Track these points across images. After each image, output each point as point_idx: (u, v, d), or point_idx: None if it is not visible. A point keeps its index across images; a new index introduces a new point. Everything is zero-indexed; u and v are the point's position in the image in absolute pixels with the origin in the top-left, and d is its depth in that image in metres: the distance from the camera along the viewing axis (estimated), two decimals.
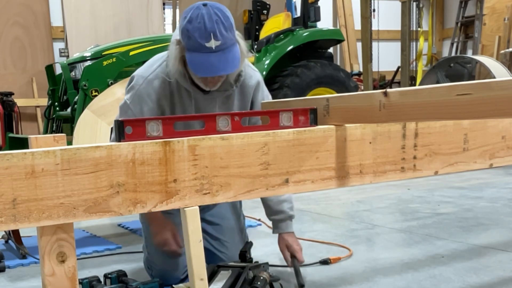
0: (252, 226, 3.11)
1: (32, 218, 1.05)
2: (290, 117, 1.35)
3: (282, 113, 1.34)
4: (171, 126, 1.22)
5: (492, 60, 6.13)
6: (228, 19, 1.82)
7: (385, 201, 3.78)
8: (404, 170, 1.45)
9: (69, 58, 4.55)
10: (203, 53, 1.80)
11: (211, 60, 1.81)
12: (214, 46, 1.78)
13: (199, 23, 1.78)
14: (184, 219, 1.27)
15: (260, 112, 1.50)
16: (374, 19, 7.44)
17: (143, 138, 1.18)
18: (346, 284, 2.12)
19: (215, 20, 1.78)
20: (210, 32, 1.77)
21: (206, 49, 1.79)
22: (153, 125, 1.21)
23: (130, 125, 1.18)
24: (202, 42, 1.78)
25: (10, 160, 1.03)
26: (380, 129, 1.41)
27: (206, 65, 1.82)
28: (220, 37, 1.78)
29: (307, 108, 1.37)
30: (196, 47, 1.81)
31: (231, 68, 1.86)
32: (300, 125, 1.35)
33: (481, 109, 1.03)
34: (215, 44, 1.78)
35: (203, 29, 1.78)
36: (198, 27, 1.78)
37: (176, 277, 2.16)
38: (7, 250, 2.77)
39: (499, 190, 4.05)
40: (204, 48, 1.79)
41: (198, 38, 1.79)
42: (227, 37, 1.80)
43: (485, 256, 2.40)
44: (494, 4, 9.37)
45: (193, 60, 1.84)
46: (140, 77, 2.03)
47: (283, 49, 5.49)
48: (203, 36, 1.78)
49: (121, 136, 1.17)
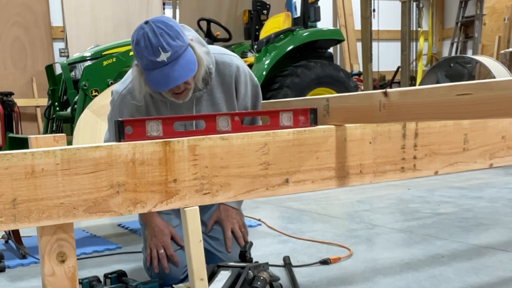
0: (252, 226, 3.11)
1: (32, 218, 1.05)
2: (290, 117, 1.35)
3: (282, 113, 1.34)
4: (171, 126, 1.23)
5: (492, 60, 6.13)
6: (172, 28, 1.84)
7: (385, 201, 3.78)
8: (404, 170, 1.45)
9: (69, 58, 4.55)
10: (158, 68, 1.84)
11: (166, 72, 1.84)
12: (165, 59, 1.82)
13: (145, 42, 1.82)
14: (184, 219, 1.27)
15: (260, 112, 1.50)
16: (374, 19, 7.44)
17: (143, 138, 1.18)
18: (346, 284, 2.12)
19: (159, 33, 1.81)
20: (157, 47, 1.81)
21: (159, 63, 1.83)
22: (153, 125, 1.21)
23: (130, 125, 1.18)
24: (153, 59, 1.83)
25: (10, 160, 1.03)
26: (380, 129, 1.41)
27: (163, 78, 1.86)
28: (168, 48, 1.82)
29: (307, 108, 1.37)
30: (149, 65, 1.85)
31: (188, 73, 1.88)
32: (300, 125, 1.35)
33: (481, 109, 1.04)
34: (166, 56, 1.82)
35: (149, 46, 1.82)
36: (145, 46, 1.83)
37: (176, 277, 2.16)
38: (7, 250, 2.77)
39: (499, 190, 4.05)
40: (157, 64, 1.83)
41: (149, 56, 1.83)
42: (176, 45, 1.83)
43: (485, 256, 2.40)
44: (494, 4, 9.37)
45: (150, 78, 1.88)
46: (115, 92, 2.12)
47: (283, 49, 5.49)
48: (152, 53, 1.82)
49: (121, 136, 1.17)
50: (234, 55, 2.18)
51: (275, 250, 2.62)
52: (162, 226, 2.18)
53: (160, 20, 1.85)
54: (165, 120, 1.23)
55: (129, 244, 2.85)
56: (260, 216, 3.33)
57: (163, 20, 1.86)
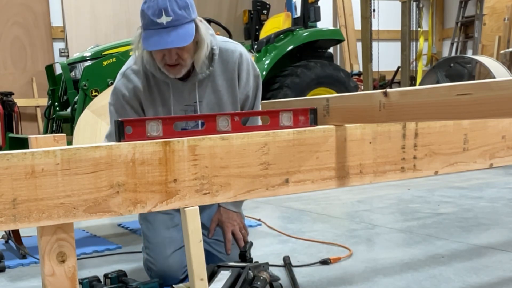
0: (252, 226, 3.11)
1: (32, 218, 1.05)
2: (290, 117, 1.35)
3: (282, 113, 1.34)
4: (171, 126, 1.23)
5: (492, 60, 6.13)
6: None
7: (385, 201, 3.78)
8: (404, 170, 1.45)
9: (69, 58, 4.55)
10: (155, 29, 1.86)
11: (160, 35, 1.86)
12: (165, 22, 1.85)
13: (153, 2, 1.86)
14: (184, 219, 1.27)
15: (260, 112, 1.50)
16: (374, 19, 7.44)
17: (143, 138, 1.19)
18: (346, 284, 2.12)
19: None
20: (161, 9, 1.84)
21: (157, 25, 1.85)
22: (153, 125, 1.21)
23: (130, 125, 1.18)
24: (154, 19, 1.85)
25: (10, 160, 1.03)
26: (380, 129, 1.41)
27: (156, 39, 1.87)
28: (171, 13, 1.84)
29: (307, 108, 1.37)
30: (148, 24, 1.88)
31: (180, 42, 1.88)
32: (300, 125, 1.35)
33: (481, 109, 1.03)
34: (166, 20, 1.84)
35: (155, 6, 1.85)
36: (151, 6, 1.86)
37: (175, 277, 2.16)
38: (7, 250, 2.77)
39: (499, 190, 4.05)
40: (156, 24, 1.86)
41: (151, 15, 1.86)
42: (180, 14, 1.85)
43: (485, 256, 2.40)
44: (494, 4, 9.37)
45: (145, 36, 1.90)
46: (119, 74, 2.13)
47: (283, 49, 5.50)
48: (155, 13, 1.85)
49: (121, 136, 1.17)
50: (237, 43, 2.19)
51: (275, 250, 2.62)
52: None
53: None
54: (165, 120, 1.23)
55: (129, 244, 2.85)
56: (260, 216, 3.33)
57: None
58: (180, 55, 1.94)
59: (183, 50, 1.94)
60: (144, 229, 2.24)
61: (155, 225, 2.21)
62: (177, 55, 1.94)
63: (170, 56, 1.93)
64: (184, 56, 1.95)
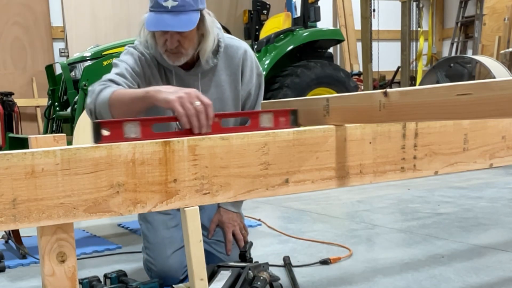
0: (252, 226, 3.11)
1: (32, 218, 1.05)
2: (270, 118, 1.34)
3: (262, 114, 1.33)
4: (149, 127, 1.21)
5: (492, 60, 6.13)
6: None
7: (385, 201, 3.78)
8: (404, 170, 1.45)
9: (69, 58, 4.56)
10: (159, 12, 1.87)
11: (164, 17, 1.86)
12: (170, 6, 1.85)
13: None
14: (184, 219, 1.27)
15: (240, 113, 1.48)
16: (374, 19, 7.44)
17: (121, 140, 1.17)
18: (346, 284, 2.12)
19: None
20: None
21: (162, 7, 1.86)
22: (131, 127, 1.19)
23: (107, 127, 1.16)
24: (160, 1, 1.86)
25: (10, 160, 1.03)
26: (380, 129, 1.41)
27: (157, 20, 1.87)
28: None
29: (287, 109, 1.37)
30: (154, 6, 1.88)
31: (181, 27, 1.87)
32: (280, 126, 1.35)
33: (481, 109, 1.03)
34: (172, 4, 1.85)
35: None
36: None
37: (175, 278, 2.16)
38: (7, 250, 2.77)
39: (499, 190, 4.05)
40: (161, 7, 1.86)
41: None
42: (187, 1, 1.86)
43: (485, 256, 2.40)
44: (494, 4, 9.37)
45: (148, 17, 1.91)
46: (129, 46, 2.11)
47: (283, 49, 5.50)
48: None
49: (98, 138, 1.15)
50: (243, 41, 2.21)
51: (275, 250, 2.62)
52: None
53: None
54: (143, 122, 1.21)
55: (129, 244, 2.85)
56: (260, 216, 3.33)
57: None
58: (182, 43, 1.94)
59: (185, 38, 1.93)
60: (144, 229, 2.24)
61: (155, 225, 2.21)
62: (178, 42, 1.93)
63: (172, 41, 1.93)
64: (185, 44, 1.94)
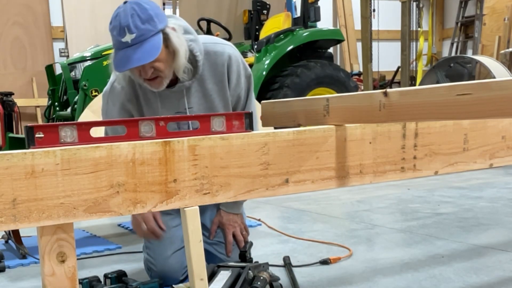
0: (252, 226, 3.11)
1: (32, 218, 1.05)
2: (222, 122, 1.30)
3: (213, 117, 1.29)
4: (87, 132, 1.17)
5: (492, 60, 6.13)
6: (145, 11, 1.81)
7: (385, 201, 3.78)
8: (404, 170, 1.45)
9: (69, 58, 4.56)
10: (122, 49, 1.82)
11: (128, 54, 1.81)
12: (130, 40, 1.80)
13: (116, 21, 1.82)
14: (184, 219, 1.27)
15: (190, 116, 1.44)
16: (374, 19, 7.45)
17: (56, 144, 1.13)
18: (346, 284, 2.12)
19: (130, 14, 1.79)
20: (124, 27, 1.79)
21: (123, 44, 1.81)
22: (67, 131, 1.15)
23: (41, 131, 1.12)
24: (119, 39, 1.82)
25: (10, 160, 1.03)
26: (380, 129, 1.41)
27: (122, 59, 1.83)
28: (134, 29, 1.79)
29: (242, 112, 1.33)
30: (116, 45, 1.85)
31: (146, 57, 1.81)
32: (234, 130, 1.31)
33: (481, 109, 1.03)
34: (130, 37, 1.80)
35: (118, 26, 1.81)
36: (115, 25, 1.82)
37: (175, 278, 2.16)
38: (7, 250, 2.77)
39: (499, 190, 4.05)
40: (122, 44, 1.82)
41: (116, 35, 1.82)
42: (143, 28, 1.80)
43: (485, 256, 2.40)
44: (494, 4, 9.37)
45: (114, 58, 1.87)
46: (108, 83, 2.10)
47: (283, 49, 5.50)
48: (119, 33, 1.81)
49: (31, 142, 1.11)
50: (227, 43, 2.12)
51: (275, 250, 2.62)
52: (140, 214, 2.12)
53: (137, 2, 1.82)
54: (80, 126, 1.17)
55: (129, 244, 2.85)
56: (260, 216, 3.33)
57: (140, 2, 1.82)
58: (156, 68, 1.88)
59: (158, 63, 1.87)
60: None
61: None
62: (152, 69, 1.88)
63: (145, 71, 1.87)
64: (160, 68, 1.89)
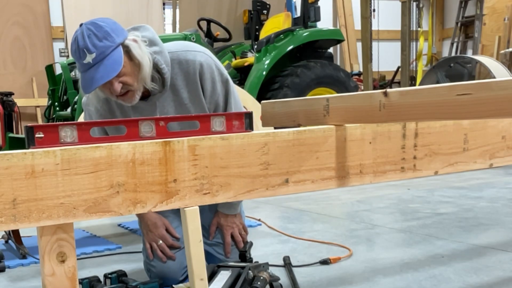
0: (252, 226, 3.11)
1: (32, 218, 1.05)
2: (222, 122, 1.30)
3: (213, 117, 1.29)
4: (87, 132, 1.17)
5: (492, 60, 6.14)
6: (101, 28, 1.80)
7: (385, 201, 3.78)
8: (404, 170, 1.45)
9: (69, 58, 4.56)
10: (86, 71, 1.81)
11: (91, 74, 1.80)
12: (91, 60, 1.79)
13: (75, 45, 1.81)
14: (184, 219, 1.27)
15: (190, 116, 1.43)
16: (374, 19, 7.45)
17: (56, 145, 1.14)
18: (346, 284, 2.12)
19: (87, 35, 1.78)
20: (82, 49, 1.78)
21: (86, 66, 1.80)
22: (67, 131, 1.15)
23: (41, 131, 1.13)
24: (81, 61, 1.80)
25: (10, 160, 1.03)
26: (380, 129, 1.41)
27: (88, 80, 1.82)
28: (93, 49, 1.78)
29: (241, 112, 1.33)
30: (80, 68, 1.84)
31: (110, 74, 1.80)
32: (234, 130, 1.30)
33: (481, 109, 1.03)
34: (91, 57, 1.78)
35: (77, 49, 1.80)
36: (75, 49, 1.81)
37: (176, 277, 2.16)
38: (7, 250, 2.77)
39: (499, 190, 4.05)
40: (85, 66, 1.80)
41: (78, 59, 1.82)
42: (101, 46, 1.78)
43: (485, 256, 2.40)
44: (494, 4, 9.38)
45: (80, 80, 1.86)
46: (85, 97, 2.09)
47: (283, 49, 5.50)
48: (79, 56, 1.80)
49: (31, 142, 1.11)
50: (200, 50, 2.06)
51: (275, 250, 2.62)
52: (155, 218, 2.16)
53: (91, 22, 1.81)
54: (80, 126, 1.17)
55: (129, 244, 2.85)
56: (260, 216, 3.33)
57: (95, 21, 1.82)
58: (124, 82, 1.86)
59: (124, 77, 1.85)
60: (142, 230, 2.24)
61: None
62: (121, 84, 1.85)
63: (114, 88, 1.85)
64: (128, 82, 1.86)
